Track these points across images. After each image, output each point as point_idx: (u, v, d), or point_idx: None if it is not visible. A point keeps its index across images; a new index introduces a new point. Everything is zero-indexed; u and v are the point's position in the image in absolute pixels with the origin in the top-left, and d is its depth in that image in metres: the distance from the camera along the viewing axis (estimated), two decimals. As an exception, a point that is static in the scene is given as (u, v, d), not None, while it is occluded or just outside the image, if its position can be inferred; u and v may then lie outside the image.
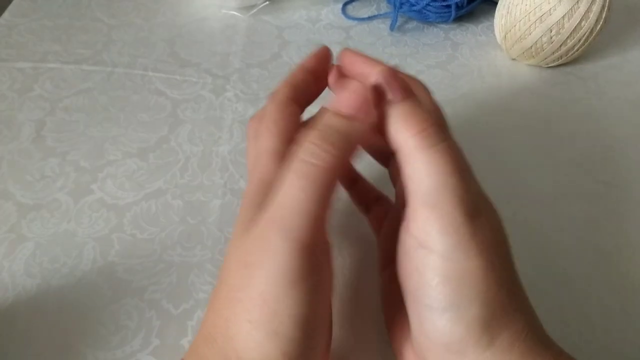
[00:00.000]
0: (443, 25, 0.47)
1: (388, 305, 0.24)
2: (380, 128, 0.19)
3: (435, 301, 0.17)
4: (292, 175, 0.17)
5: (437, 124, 0.18)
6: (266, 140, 0.21)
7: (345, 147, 0.17)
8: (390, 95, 0.19)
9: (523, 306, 0.19)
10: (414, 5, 0.45)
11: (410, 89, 0.19)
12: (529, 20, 0.38)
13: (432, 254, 0.17)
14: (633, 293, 0.28)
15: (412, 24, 0.48)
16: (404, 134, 0.18)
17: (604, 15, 0.38)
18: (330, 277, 0.19)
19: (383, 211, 0.27)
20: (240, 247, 0.18)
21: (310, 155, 0.17)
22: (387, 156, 0.27)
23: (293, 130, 0.21)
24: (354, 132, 0.18)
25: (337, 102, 0.18)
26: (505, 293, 0.18)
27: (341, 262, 0.29)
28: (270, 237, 0.16)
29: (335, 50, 0.45)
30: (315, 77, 0.25)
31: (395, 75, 0.19)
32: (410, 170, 0.18)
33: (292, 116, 0.22)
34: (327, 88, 0.25)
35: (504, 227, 0.19)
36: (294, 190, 0.16)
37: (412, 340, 0.20)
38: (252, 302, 0.16)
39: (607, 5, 0.38)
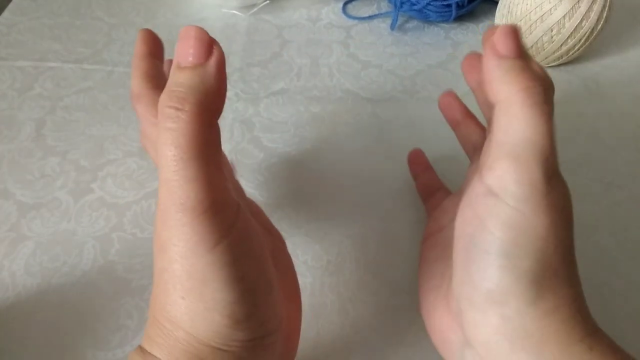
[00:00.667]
0: (444, 25, 0.47)
1: (423, 269, 0.25)
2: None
3: (492, 246, 0.18)
4: (161, 146, 0.16)
5: (544, 87, 0.18)
6: (149, 133, 0.22)
7: (203, 98, 0.16)
8: (505, 50, 0.19)
9: (573, 277, 0.19)
10: (414, 5, 0.44)
11: (526, 52, 0.19)
12: (530, 20, 0.38)
13: (501, 203, 0.17)
14: (633, 293, 0.28)
15: (413, 23, 0.48)
16: (512, 86, 0.18)
17: (604, 15, 0.38)
18: (251, 231, 0.18)
19: (443, 198, 0.28)
20: (155, 234, 0.17)
21: (167, 119, 0.16)
22: (474, 149, 0.27)
23: None
24: (206, 80, 0.16)
25: (176, 54, 0.17)
26: (561, 258, 0.18)
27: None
28: (169, 213, 0.16)
29: (335, 50, 0.45)
30: (157, 58, 0.25)
31: (517, 34, 0.19)
32: (506, 121, 0.18)
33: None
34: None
35: (572, 203, 0.19)
36: (169, 162, 0.15)
37: (449, 296, 0.21)
38: (178, 279, 0.16)
39: (607, 5, 0.38)
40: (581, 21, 0.37)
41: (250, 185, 0.33)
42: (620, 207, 0.32)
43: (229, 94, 0.40)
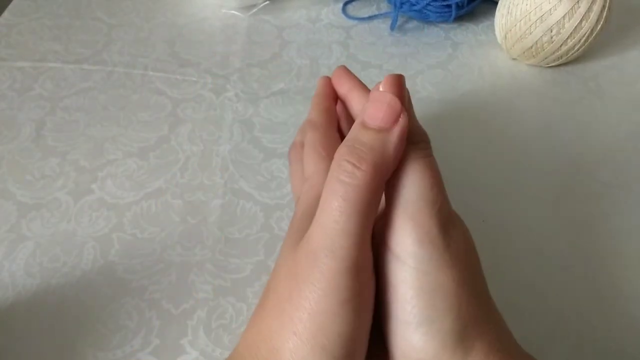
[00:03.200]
0: (443, 25, 0.47)
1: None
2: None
3: (409, 315, 0.18)
4: (328, 195, 0.17)
5: (427, 140, 0.19)
6: (315, 163, 0.22)
7: (380, 162, 0.17)
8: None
9: (493, 317, 0.19)
10: (414, 5, 0.45)
11: (409, 102, 0.20)
12: (530, 20, 0.38)
13: (406, 266, 0.18)
14: (633, 293, 0.28)
15: (413, 24, 0.48)
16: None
17: (604, 15, 0.38)
18: (372, 297, 0.19)
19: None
20: (290, 258, 0.18)
21: (343, 173, 0.17)
22: None
23: None
24: (386, 146, 0.17)
25: (366, 114, 0.18)
26: (477, 304, 0.18)
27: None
28: (318, 254, 0.17)
29: (334, 51, 0.45)
30: (335, 102, 0.26)
31: (401, 85, 0.19)
32: (396, 178, 0.18)
33: (336, 140, 0.23)
34: None
35: (473, 241, 0.19)
36: (333, 211, 0.17)
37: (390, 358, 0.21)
38: (299, 314, 0.17)
39: (607, 5, 0.38)
40: (581, 21, 0.37)
41: (251, 185, 0.33)
42: (620, 207, 0.32)
43: (228, 94, 0.40)
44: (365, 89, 0.25)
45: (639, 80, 0.41)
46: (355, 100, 0.25)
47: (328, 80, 0.27)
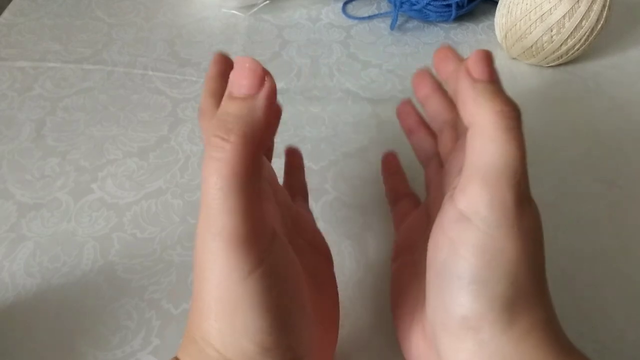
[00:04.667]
0: (443, 25, 0.47)
1: (396, 292, 0.25)
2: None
3: (464, 272, 0.17)
4: (205, 173, 0.16)
5: (517, 112, 0.18)
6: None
7: (249, 130, 0.16)
8: (479, 74, 0.19)
9: (546, 299, 0.19)
10: (414, 5, 0.44)
11: (498, 78, 0.19)
12: (530, 20, 0.38)
13: (473, 227, 0.17)
14: (633, 293, 0.28)
15: (413, 23, 0.48)
16: (487, 109, 0.18)
17: (604, 15, 0.38)
18: (286, 261, 0.18)
19: (409, 207, 0.27)
20: (194, 257, 0.18)
21: (214, 148, 0.16)
22: (428, 159, 0.27)
23: None
24: (254, 112, 0.17)
25: (230, 83, 0.17)
26: (533, 281, 0.18)
27: (340, 261, 0.29)
28: (205, 241, 0.16)
29: (334, 50, 0.45)
30: (226, 79, 0.25)
31: (490, 59, 0.19)
32: (479, 143, 0.18)
33: None
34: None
35: (542, 224, 0.19)
36: (211, 190, 0.16)
37: (424, 320, 0.21)
38: (211, 303, 0.17)
39: (607, 4, 0.37)
40: (581, 21, 0.37)
41: (250, 185, 0.33)
42: (620, 207, 0.32)
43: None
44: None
45: (639, 80, 0.41)
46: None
47: (217, 57, 0.25)
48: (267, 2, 0.48)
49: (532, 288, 0.18)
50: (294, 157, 0.30)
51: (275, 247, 0.18)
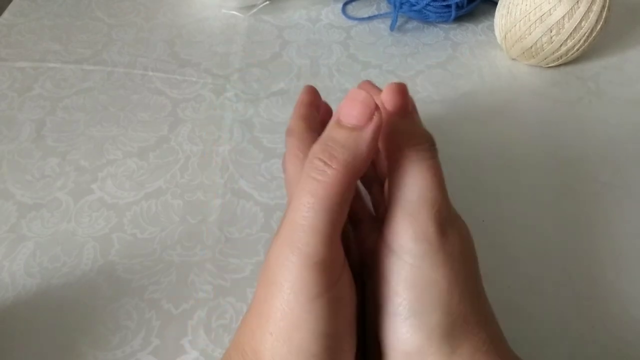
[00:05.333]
0: (443, 25, 0.47)
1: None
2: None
3: (398, 307, 0.18)
4: (300, 192, 0.17)
5: (430, 142, 0.19)
6: (295, 165, 0.22)
7: (351, 160, 0.17)
8: (391, 108, 0.19)
9: (486, 320, 0.19)
10: (414, 5, 0.45)
11: (413, 107, 0.20)
12: (529, 20, 0.38)
13: (401, 260, 0.18)
14: (633, 293, 0.28)
15: (412, 24, 0.48)
16: (403, 145, 0.19)
17: (604, 15, 0.38)
18: (350, 292, 0.19)
19: (371, 230, 0.27)
20: (265, 265, 0.18)
21: (315, 171, 0.17)
22: (370, 182, 0.28)
23: None
24: (359, 144, 0.17)
25: (340, 112, 0.18)
26: (469, 305, 0.18)
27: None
28: (285, 254, 0.17)
29: (334, 51, 0.45)
30: (316, 109, 0.27)
31: (405, 92, 0.20)
32: (398, 179, 0.18)
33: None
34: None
35: (473, 243, 0.20)
36: (302, 207, 0.17)
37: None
38: (273, 315, 0.17)
39: (607, 5, 0.38)
40: (580, 22, 0.37)
41: (250, 185, 0.33)
42: (620, 207, 0.32)
43: (228, 94, 0.40)
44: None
45: (639, 80, 0.41)
46: None
47: (309, 89, 0.28)
48: (267, 2, 0.48)
49: (468, 312, 0.18)
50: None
51: (345, 276, 0.18)
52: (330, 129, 0.18)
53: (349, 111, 0.18)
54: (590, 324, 0.27)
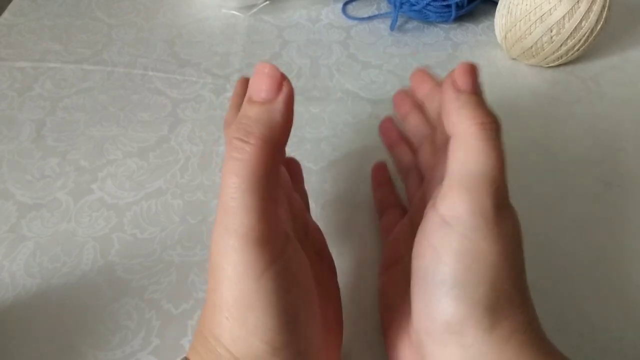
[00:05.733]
0: (443, 25, 0.47)
1: (385, 304, 0.25)
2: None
3: (446, 277, 0.18)
4: (225, 173, 0.17)
5: (497, 124, 0.19)
6: None
7: (268, 133, 0.17)
8: (463, 85, 0.20)
9: (526, 303, 0.19)
10: (414, 5, 0.45)
11: (481, 91, 0.20)
12: (530, 20, 0.38)
13: (454, 232, 0.18)
14: (633, 293, 0.28)
15: (413, 24, 0.48)
16: (468, 120, 0.19)
17: (604, 15, 0.38)
18: (299, 261, 0.19)
19: (395, 218, 0.28)
20: (210, 254, 0.18)
21: (234, 150, 0.17)
22: (408, 171, 0.28)
23: None
24: (273, 115, 0.17)
25: (250, 89, 0.18)
26: (513, 285, 0.18)
27: (340, 265, 0.29)
28: (223, 239, 0.17)
29: (334, 51, 0.45)
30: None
31: (475, 71, 0.20)
32: (461, 154, 0.19)
33: None
34: None
35: (521, 231, 0.20)
36: (229, 189, 0.17)
37: (410, 329, 0.21)
38: (225, 300, 0.17)
39: (607, 5, 0.38)
40: (581, 21, 0.37)
41: (250, 185, 0.33)
42: (620, 207, 0.32)
43: (228, 94, 0.40)
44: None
45: (639, 80, 0.41)
46: (436, 99, 0.27)
47: (243, 80, 0.28)
48: (267, 2, 0.48)
49: (512, 292, 0.18)
50: (292, 167, 0.31)
51: (289, 248, 0.18)
52: (244, 108, 0.18)
53: (258, 86, 0.18)
54: (590, 324, 0.27)
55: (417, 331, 0.20)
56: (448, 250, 0.18)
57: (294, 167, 0.31)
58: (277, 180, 0.18)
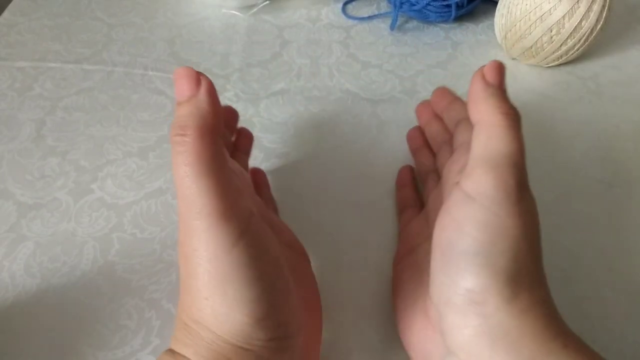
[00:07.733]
0: (443, 25, 0.47)
1: (398, 287, 0.26)
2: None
3: (469, 247, 0.19)
4: (174, 169, 0.18)
5: (519, 116, 0.20)
6: None
7: (202, 121, 0.18)
8: (491, 79, 0.21)
9: (544, 281, 0.20)
10: (414, 5, 0.44)
11: (505, 87, 0.22)
12: (529, 20, 0.38)
13: (478, 205, 0.19)
14: (633, 293, 0.28)
15: (413, 24, 0.48)
16: (494, 109, 0.20)
17: (604, 15, 0.38)
18: (269, 239, 0.20)
19: (414, 214, 0.29)
20: (178, 246, 0.19)
21: (177, 145, 0.18)
22: (427, 172, 0.30)
23: None
24: (200, 106, 0.19)
25: (176, 95, 0.20)
26: (532, 260, 0.19)
27: (340, 261, 0.29)
28: (190, 224, 0.18)
29: (334, 50, 0.45)
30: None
31: (503, 69, 0.22)
32: (486, 138, 0.20)
33: None
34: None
35: (538, 217, 0.20)
36: (183, 180, 0.18)
37: (427, 306, 0.22)
38: (201, 282, 0.18)
39: (607, 5, 0.37)
40: (580, 21, 0.37)
41: (250, 185, 0.33)
42: (620, 207, 0.32)
43: (228, 94, 0.40)
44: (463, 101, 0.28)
45: (639, 80, 0.41)
46: (453, 110, 0.29)
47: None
48: (267, 2, 0.48)
49: (532, 266, 0.19)
50: (257, 176, 0.32)
51: (254, 222, 0.19)
52: (176, 111, 0.19)
53: (180, 90, 0.19)
54: (590, 324, 0.27)
55: (436, 303, 0.20)
56: (472, 222, 0.19)
57: (259, 175, 0.33)
58: (225, 161, 0.19)
